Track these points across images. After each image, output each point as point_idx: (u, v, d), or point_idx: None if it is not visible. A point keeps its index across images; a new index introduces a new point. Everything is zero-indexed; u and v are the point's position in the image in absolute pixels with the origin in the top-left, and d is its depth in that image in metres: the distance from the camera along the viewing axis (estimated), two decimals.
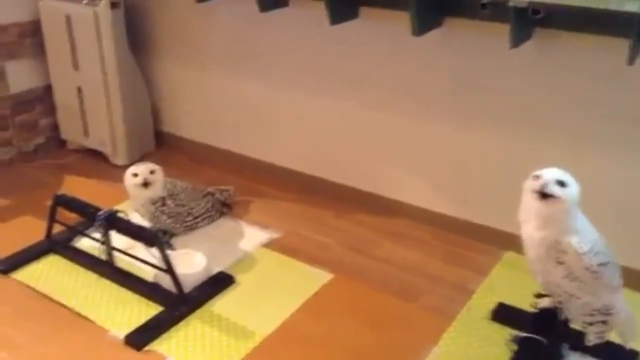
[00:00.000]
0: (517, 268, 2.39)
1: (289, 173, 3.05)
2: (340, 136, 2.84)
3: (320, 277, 2.37)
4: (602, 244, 1.72)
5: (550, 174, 1.66)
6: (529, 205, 1.70)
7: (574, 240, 1.65)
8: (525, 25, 2.08)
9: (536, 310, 1.93)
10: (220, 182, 2.88)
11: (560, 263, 1.69)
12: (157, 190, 2.43)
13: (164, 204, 2.46)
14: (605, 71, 2.10)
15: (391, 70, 2.57)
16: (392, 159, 2.73)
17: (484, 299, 2.26)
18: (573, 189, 1.66)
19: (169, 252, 2.24)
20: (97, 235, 2.29)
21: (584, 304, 1.75)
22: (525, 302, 2.05)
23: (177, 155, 3.34)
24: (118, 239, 2.29)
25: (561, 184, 1.65)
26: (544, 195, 1.65)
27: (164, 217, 2.48)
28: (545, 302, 1.92)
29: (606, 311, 1.76)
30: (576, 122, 2.23)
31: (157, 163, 2.47)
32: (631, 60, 1.88)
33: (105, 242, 2.28)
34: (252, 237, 2.61)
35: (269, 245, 2.56)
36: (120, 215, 2.26)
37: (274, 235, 2.63)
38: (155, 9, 3.18)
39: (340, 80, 2.73)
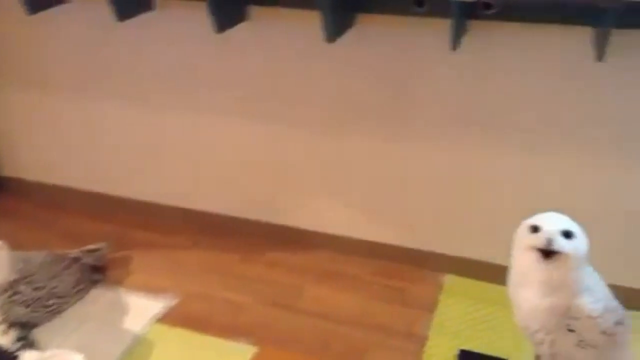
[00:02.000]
0: (462, 295, 2.09)
1: (176, 212, 2.47)
2: (239, 162, 2.31)
3: (241, 353, 1.85)
4: (610, 295, 1.38)
5: (552, 224, 1.28)
6: (527, 265, 1.31)
7: (585, 303, 1.30)
8: (464, 20, 1.68)
9: None
10: (85, 234, 2.27)
11: (571, 331, 1.33)
12: (3, 275, 1.79)
13: (16, 292, 1.81)
14: (567, 69, 1.76)
15: (298, 80, 2.07)
16: (308, 184, 2.26)
17: (440, 346, 1.89)
18: (582, 238, 1.30)
19: (31, 354, 1.64)
20: None
21: None
22: (486, 344, 1.84)
23: (22, 204, 2.61)
24: None
25: (567, 234, 1.28)
26: (548, 253, 1.27)
27: (19, 307, 1.83)
28: None
29: None
30: (536, 128, 1.87)
31: None
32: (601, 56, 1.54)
33: None
34: (141, 310, 2.02)
35: (166, 318, 1.99)
36: None
37: (171, 302, 2.06)
38: None
39: (231, 96, 2.18)
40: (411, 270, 2.20)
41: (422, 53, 1.87)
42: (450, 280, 2.16)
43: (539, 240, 1.27)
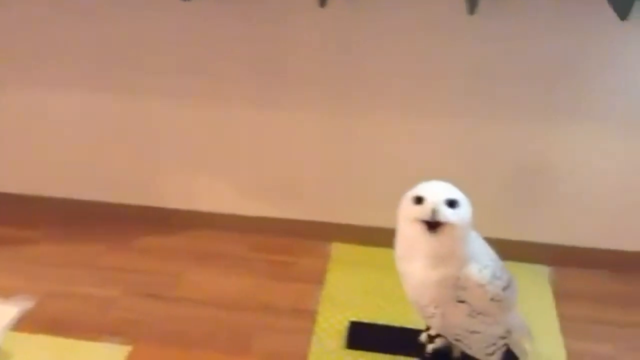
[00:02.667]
0: (351, 263, 2.05)
1: (27, 202, 2.22)
2: (94, 139, 2.11)
3: (113, 355, 1.67)
4: (496, 259, 1.36)
5: (436, 194, 1.23)
6: (413, 237, 1.26)
7: (473, 272, 1.27)
8: None
9: (428, 354, 1.53)
10: None
11: (461, 302, 1.29)
12: None
13: None
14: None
15: (152, 45, 1.90)
16: (174, 159, 2.11)
17: (331, 319, 1.83)
18: (465, 205, 1.26)
19: None
20: None
21: (487, 336, 1.38)
22: (377, 312, 1.82)
23: None
24: None
25: (451, 203, 1.23)
26: (433, 224, 1.22)
27: None
28: (438, 344, 1.53)
29: (507, 334, 1.42)
30: (411, 91, 1.85)
31: None
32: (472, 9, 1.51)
33: None
34: None
35: (23, 324, 1.76)
36: None
37: (27, 305, 1.82)
38: None
39: (80, 67, 1.97)
40: (295, 242, 2.12)
41: (288, 10, 1.76)
42: (336, 248, 2.11)
43: (423, 211, 1.23)
